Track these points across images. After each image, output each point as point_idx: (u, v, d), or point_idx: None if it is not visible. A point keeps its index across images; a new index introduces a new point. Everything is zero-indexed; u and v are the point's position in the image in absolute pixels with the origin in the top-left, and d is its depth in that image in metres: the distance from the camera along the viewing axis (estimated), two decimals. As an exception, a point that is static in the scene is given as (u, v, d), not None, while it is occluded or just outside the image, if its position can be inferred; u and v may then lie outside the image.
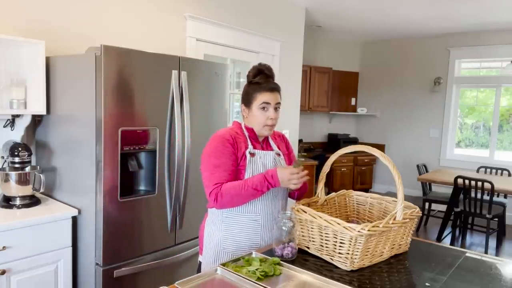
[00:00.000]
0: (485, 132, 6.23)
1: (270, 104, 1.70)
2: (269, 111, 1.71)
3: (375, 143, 6.98)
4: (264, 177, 1.59)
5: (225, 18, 3.78)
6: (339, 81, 6.95)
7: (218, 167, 1.64)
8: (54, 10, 2.57)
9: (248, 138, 1.74)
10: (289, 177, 1.56)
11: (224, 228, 1.71)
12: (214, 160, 1.65)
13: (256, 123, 1.73)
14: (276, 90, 1.73)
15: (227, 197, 1.60)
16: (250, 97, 1.72)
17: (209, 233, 1.77)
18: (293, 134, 4.89)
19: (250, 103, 1.72)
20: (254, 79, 1.72)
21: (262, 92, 1.69)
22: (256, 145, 1.76)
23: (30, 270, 2.02)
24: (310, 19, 5.40)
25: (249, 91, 1.72)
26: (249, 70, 1.75)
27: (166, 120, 2.32)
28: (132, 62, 2.12)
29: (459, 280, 1.43)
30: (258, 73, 1.73)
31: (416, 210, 1.64)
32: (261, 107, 1.70)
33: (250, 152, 1.70)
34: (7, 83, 2.31)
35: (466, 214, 4.44)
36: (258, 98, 1.69)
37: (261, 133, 1.75)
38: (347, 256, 1.45)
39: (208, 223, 1.79)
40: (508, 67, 5.30)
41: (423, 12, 4.98)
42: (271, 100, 1.70)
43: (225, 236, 1.71)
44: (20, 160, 2.22)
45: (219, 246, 1.72)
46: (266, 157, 1.74)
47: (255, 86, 1.71)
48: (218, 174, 1.63)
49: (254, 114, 1.72)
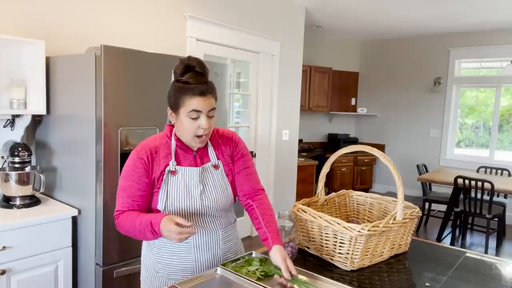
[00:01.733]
0: (485, 132, 6.23)
1: (202, 112, 1.37)
2: (200, 120, 1.38)
3: (375, 143, 6.98)
4: (150, 222, 1.33)
5: (225, 18, 3.78)
6: (339, 81, 6.95)
7: (123, 191, 1.42)
8: (54, 10, 2.57)
9: (173, 151, 1.45)
10: (167, 234, 1.29)
11: (155, 250, 1.50)
12: (122, 182, 1.43)
13: (184, 132, 1.41)
14: (210, 93, 1.38)
15: (122, 229, 1.41)
16: (178, 100, 1.37)
17: (144, 254, 1.57)
18: (293, 134, 4.89)
19: (177, 108, 1.38)
20: (182, 78, 1.37)
21: (191, 96, 1.35)
22: (184, 158, 1.47)
23: (30, 270, 2.02)
24: (310, 19, 5.40)
25: (176, 93, 1.38)
26: (176, 66, 1.41)
27: (166, 120, 2.32)
28: (132, 62, 2.12)
29: (459, 280, 1.43)
30: (186, 70, 1.38)
31: (416, 210, 1.65)
32: (190, 116, 1.37)
33: (170, 170, 1.43)
34: (7, 83, 2.31)
35: (466, 214, 4.44)
36: (187, 104, 1.35)
37: (190, 145, 1.46)
38: (347, 256, 1.46)
39: (145, 243, 1.57)
40: (508, 67, 5.29)
41: (423, 12, 4.98)
42: (203, 107, 1.36)
43: (157, 259, 1.50)
44: (20, 160, 2.22)
45: (152, 269, 1.52)
46: (190, 174, 1.45)
47: (184, 88, 1.36)
48: (122, 199, 1.42)
49: (182, 122, 1.39)
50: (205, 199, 1.47)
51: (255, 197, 1.55)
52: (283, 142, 4.72)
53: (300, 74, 4.86)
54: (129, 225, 1.38)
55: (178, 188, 1.44)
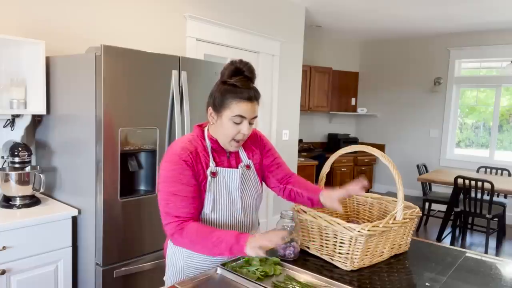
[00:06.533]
0: (485, 132, 6.23)
1: (245, 118, 1.37)
2: (242, 125, 1.38)
3: (375, 143, 6.98)
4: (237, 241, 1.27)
5: (225, 18, 3.78)
6: (339, 81, 6.95)
7: (174, 196, 1.35)
8: (54, 10, 2.57)
9: (210, 152, 1.44)
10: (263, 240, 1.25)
11: (187, 255, 1.47)
12: (169, 187, 1.36)
13: (223, 135, 1.41)
14: (256, 99, 1.39)
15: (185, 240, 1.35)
16: (222, 102, 1.37)
17: (172, 257, 1.53)
18: (293, 134, 4.89)
19: (221, 109, 1.38)
20: (230, 80, 1.37)
21: (239, 101, 1.35)
22: (220, 159, 1.46)
23: (30, 270, 2.02)
24: (310, 19, 5.40)
25: (223, 94, 1.37)
26: (225, 66, 1.40)
27: (166, 120, 2.32)
28: (132, 62, 2.12)
29: (459, 280, 1.42)
30: (235, 73, 1.38)
31: (416, 210, 1.64)
32: (233, 120, 1.37)
33: (211, 171, 1.42)
34: (7, 83, 2.30)
35: (466, 214, 4.44)
36: (233, 108, 1.36)
37: (225, 147, 1.45)
38: (347, 256, 1.45)
39: (171, 245, 1.52)
40: (508, 67, 5.30)
41: (423, 12, 4.98)
42: (248, 113, 1.37)
43: (188, 264, 1.48)
44: (20, 160, 2.22)
45: (182, 273, 1.49)
46: (231, 176, 1.46)
47: (231, 91, 1.36)
48: (175, 205, 1.35)
49: (223, 125, 1.39)
50: (244, 199, 1.49)
51: (290, 180, 1.63)
52: (283, 142, 4.71)
53: (300, 74, 4.86)
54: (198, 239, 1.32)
55: (221, 190, 1.44)
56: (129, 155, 2.22)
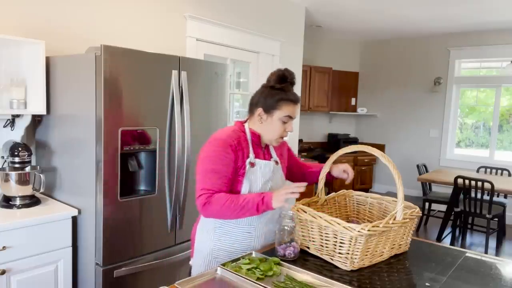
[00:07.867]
0: (485, 132, 6.23)
1: (292, 118, 1.61)
2: (288, 124, 1.62)
3: (375, 143, 6.98)
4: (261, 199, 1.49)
5: (225, 18, 3.78)
6: (339, 81, 6.95)
7: (213, 173, 1.52)
8: (54, 10, 2.57)
9: (250, 144, 1.63)
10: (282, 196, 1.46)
11: (216, 238, 1.64)
12: (210, 164, 1.53)
13: (270, 132, 1.62)
14: (299, 102, 1.64)
15: (215, 207, 1.50)
16: (274, 104, 1.58)
17: (200, 240, 1.68)
18: (293, 134, 4.89)
19: (272, 110, 1.59)
20: (279, 85, 1.59)
21: (289, 103, 1.58)
22: (258, 152, 1.65)
23: (30, 270, 2.02)
24: (310, 19, 5.40)
25: (274, 97, 1.58)
26: (272, 73, 1.62)
27: (166, 120, 2.32)
28: (132, 62, 2.12)
29: (459, 280, 1.43)
30: (282, 80, 1.59)
31: (416, 210, 1.64)
32: (282, 119, 1.59)
33: (250, 161, 1.59)
34: (7, 83, 2.30)
35: (466, 214, 4.44)
36: (283, 109, 1.58)
37: (270, 143, 1.67)
38: (347, 256, 1.45)
39: (200, 228, 1.70)
40: (508, 67, 5.30)
41: (423, 12, 4.98)
42: (294, 114, 1.61)
43: (217, 246, 1.63)
44: (20, 160, 2.22)
45: (210, 255, 1.64)
46: (265, 168, 1.64)
47: (281, 94, 1.58)
48: (211, 181, 1.52)
49: (273, 124, 1.60)
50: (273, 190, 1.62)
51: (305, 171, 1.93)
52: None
53: (300, 74, 4.86)
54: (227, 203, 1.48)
55: (257, 180, 1.61)
56: (129, 155, 2.22)
